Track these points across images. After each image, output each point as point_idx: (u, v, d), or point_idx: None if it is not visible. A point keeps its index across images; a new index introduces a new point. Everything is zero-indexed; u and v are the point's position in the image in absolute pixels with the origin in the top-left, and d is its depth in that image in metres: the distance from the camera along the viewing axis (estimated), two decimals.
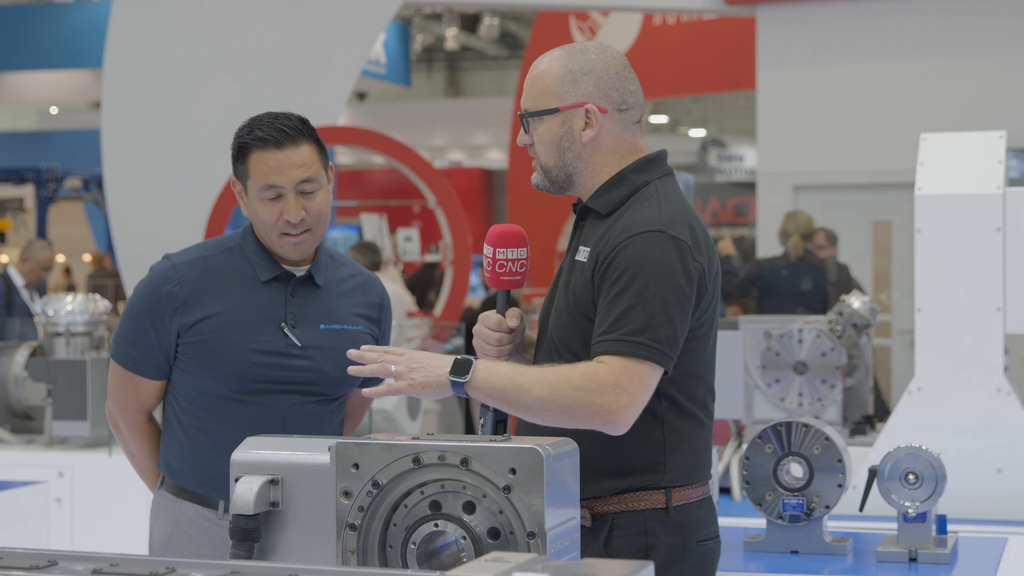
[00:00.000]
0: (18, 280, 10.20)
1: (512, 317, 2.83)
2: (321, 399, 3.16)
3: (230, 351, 3.07)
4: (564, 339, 2.75)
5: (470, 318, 11.59)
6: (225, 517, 3.08)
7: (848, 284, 9.03)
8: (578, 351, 2.72)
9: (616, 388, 2.56)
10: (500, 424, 2.69)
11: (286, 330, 3.12)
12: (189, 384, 3.12)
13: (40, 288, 10.40)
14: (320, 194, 3.11)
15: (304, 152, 3.08)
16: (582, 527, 2.68)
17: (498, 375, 2.58)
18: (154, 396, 3.19)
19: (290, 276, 3.15)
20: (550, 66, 2.79)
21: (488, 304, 12.24)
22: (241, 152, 3.10)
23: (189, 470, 3.14)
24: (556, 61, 2.79)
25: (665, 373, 2.64)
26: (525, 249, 2.82)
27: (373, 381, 3.32)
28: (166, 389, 3.19)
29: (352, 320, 3.21)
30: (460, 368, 2.56)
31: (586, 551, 2.60)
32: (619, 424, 2.58)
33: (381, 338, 3.28)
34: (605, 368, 2.58)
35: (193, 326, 3.08)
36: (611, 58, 2.79)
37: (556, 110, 2.77)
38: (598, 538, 2.70)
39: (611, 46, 2.85)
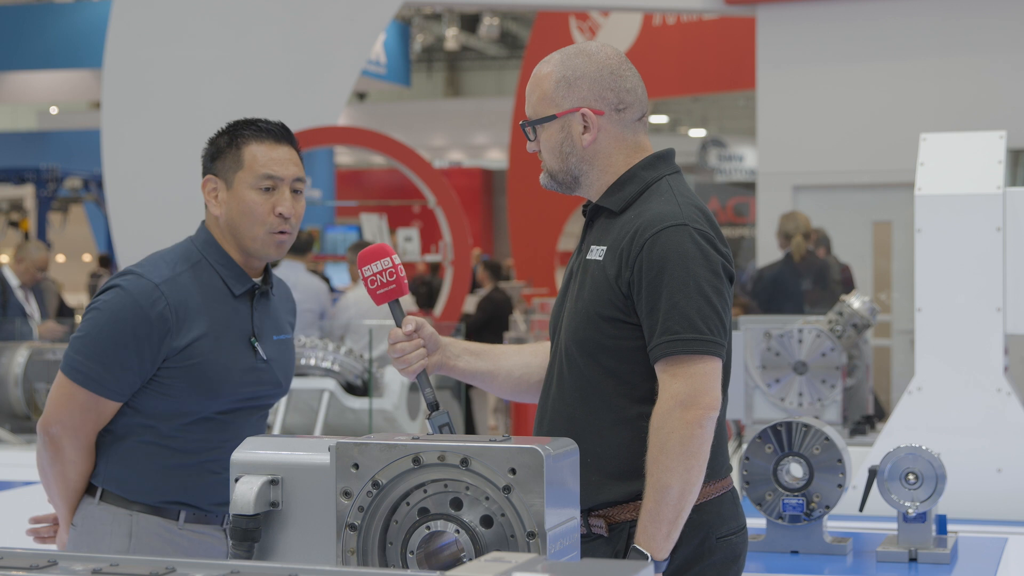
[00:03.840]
0: (13, 280, 10.22)
1: (407, 323, 2.81)
2: (267, 411, 3.16)
3: (218, 372, 3.00)
4: (579, 342, 2.74)
5: (468, 322, 11.61)
6: (186, 527, 3.04)
7: (850, 283, 9.03)
8: (593, 353, 2.71)
9: (686, 400, 2.59)
10: (445, 427, 2.68)
11: (256, 344, 3.08)
12: (164, 406, 3.01)
13: (36, 289, 10.41)
14: (303, 198, 3.11)
15: (295, 154, 3.11)
16: (599, 536, 2.69)
17: (656, 528, 2.58)
18: (110, 416, 3.04)
19: (254, 289, 3.11)
20: (546, 73, 2.80)
21: (485, 303, 12.26)
22: (233, 142, 3.06)
23: (150, 488, 3.03)
24: (552, 67, 2.80)
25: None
26: (388, 259, 2.77)
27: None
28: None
29: (287, 328, 3.21)
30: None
31: None
32: (714, 417, 2.62)
33: None
34: (662, 403, 2.61)
35: (184, 349, 2.98)
36: (605, 58, 2.79)
37: (554, 117, 2.78)
38: (616, 547, 2.69)
39: (609, 45, 2.85)
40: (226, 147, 3.08)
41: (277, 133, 3.08)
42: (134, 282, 3.00)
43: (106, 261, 18.50)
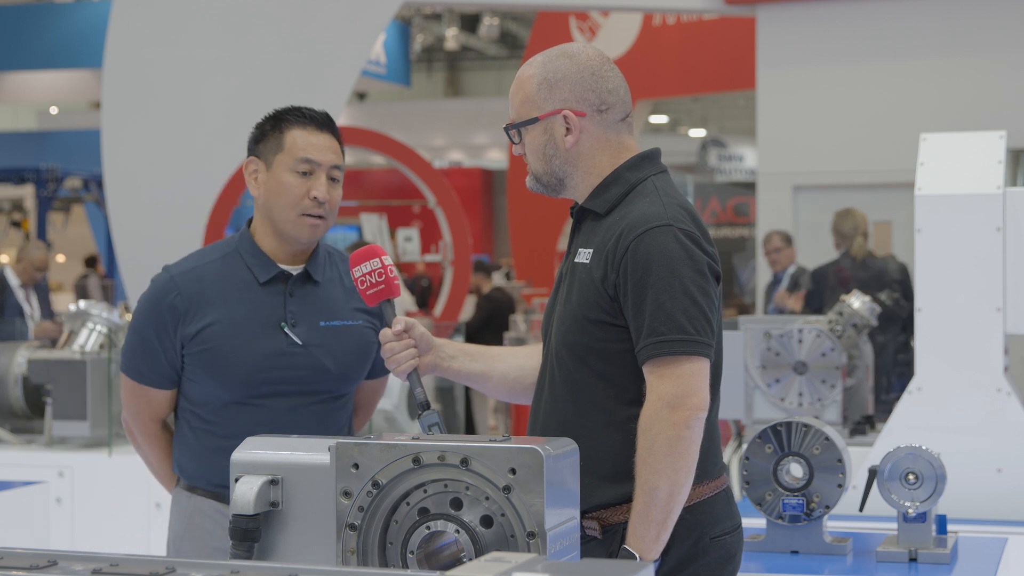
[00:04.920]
0: (13, 280, 10.25)
1: (397, 323, 2.82)
2: (325, 398, 3.19)
3: (232, 356, 3.11)
4: (569, 345, 2.74)
5: (468, 322, 11.60)
6: None
7: (908, 282, 8.91)
8: (582, 356, 2.71)
9: (673, 401, 2.59)
10: (434, 427, 2.69)
11: (286, 330, 3.14)
12: (197, 392, 3.17)
13: (37, 288, 10.43)
14: (340, 187, 3.20)
15: (336, 143, 3.21)
16: (593, 538, 2.69)
17: (646, 529, 2.59)
18: (166, 405, 3.24)
19: (287, 276, 3.18)
20: (528, 75, 2.80)
21: (484, 302, 12.26)
22: (277, 125, 3.16)
23: (202, 472, 3.19)
24: (534, 69, 2.80)
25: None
26: (377, 259, 2.81)
27: (378, 372, 3.34)
28: (177, 396, 3.24)
29: (352, 316, 3.23)
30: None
31: None
32: (702, 418, 2.61)
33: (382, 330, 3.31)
34: (650, 404, 2.60)
35: (196, 336, 3.13)
36: (586, 59, 2.79)
37: (536, 119, 2.78)
38: (610, 549, 2.68)
39: (591, 46, 2.85)
40: (270, 131, 3.18)
41: (320, 120, 3.18)
42: (159, 277, 3.22)
43: (92, 261, 18.49)
